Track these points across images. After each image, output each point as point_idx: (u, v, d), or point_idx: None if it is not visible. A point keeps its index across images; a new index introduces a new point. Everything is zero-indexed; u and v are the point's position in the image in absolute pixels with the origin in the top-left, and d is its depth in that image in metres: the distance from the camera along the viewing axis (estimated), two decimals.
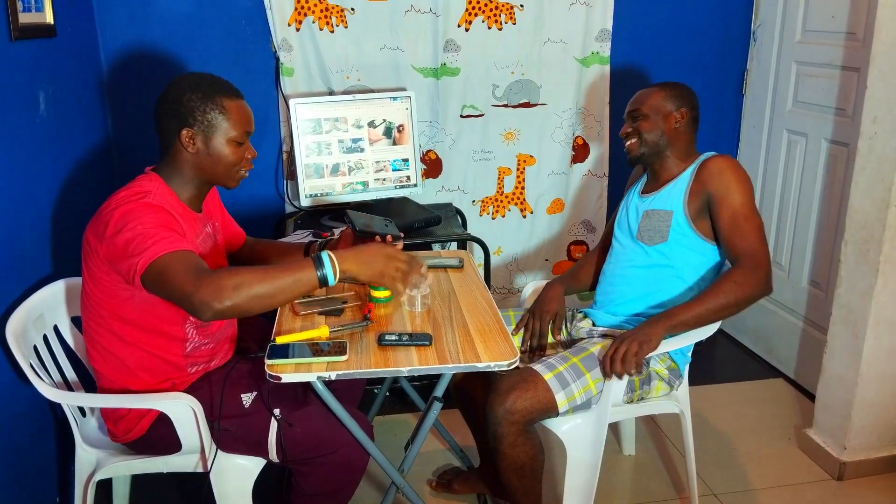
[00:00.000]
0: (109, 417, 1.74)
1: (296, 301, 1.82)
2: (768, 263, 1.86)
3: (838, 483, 2.34)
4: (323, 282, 1.49)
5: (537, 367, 1.85)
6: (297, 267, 1.48)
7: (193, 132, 1.64)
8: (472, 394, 2.11)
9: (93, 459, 1.77)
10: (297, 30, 2.69)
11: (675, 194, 1.99)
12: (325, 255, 1.50)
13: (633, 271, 2.05)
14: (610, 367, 1.80)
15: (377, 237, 1.82)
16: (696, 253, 1.97)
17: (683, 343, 1.92)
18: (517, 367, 1.79)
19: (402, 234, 1.91)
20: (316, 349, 1.60)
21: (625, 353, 1.79)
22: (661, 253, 1.99)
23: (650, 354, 1.84)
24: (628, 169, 2.30)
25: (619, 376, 1.80)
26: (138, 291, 1.55)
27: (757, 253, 1.85)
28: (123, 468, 1.78)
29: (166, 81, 2.65)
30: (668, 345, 1.90)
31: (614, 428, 2.51)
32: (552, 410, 1.82)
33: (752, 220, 1.88)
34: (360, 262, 1.54)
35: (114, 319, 1.65)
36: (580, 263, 2.32)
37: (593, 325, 2.12)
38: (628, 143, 2.08)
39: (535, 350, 2.10)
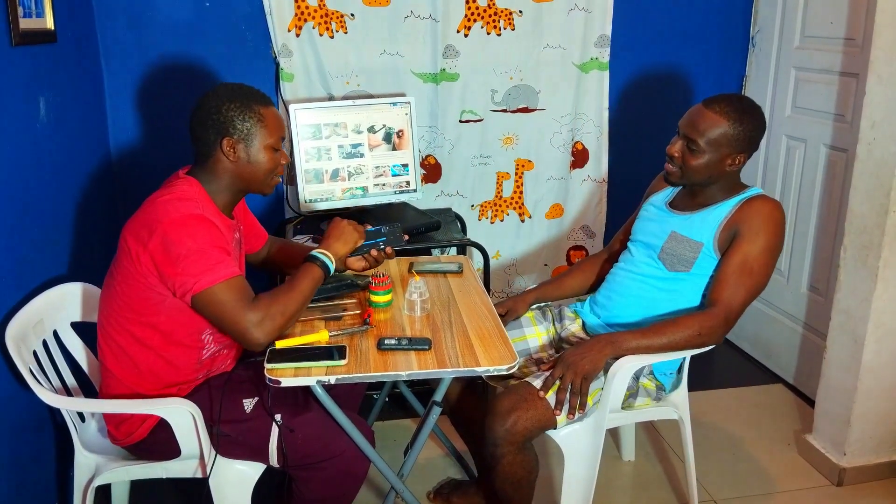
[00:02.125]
0: (111, 420, 1.74)
1: None
2: (735, 322, 1.85)
3: (838, 489, 2.33)
4: (326, 270, 1.73)
5: (535, 382, 1.83)
6: (308, 272, 1.70)
7: (234, 141, 1.67)
8: (464, 406, 2.09)
9: (92, 465, 1.77)
10: (297, 35, 2.70)
11: (709, 224, 1.90)
12: (316, 252, 1.74)
13: (644, 288, 1.99)
14: (561, 407, 1.78)
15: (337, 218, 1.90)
16: None
17: (663, 358, 1.90)
18: (514, 385, 1.79)
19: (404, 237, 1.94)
20: (315, 353, 1.60)
21: (571, 387, 1.78)
22: (680, 280, 1.94)
23: (638, 368, 1.88)
24: (628, 174, 2.27)
25: (573, 415, 1.80)
26: (170, 300, 1.61)
27: (733, 311, 1.83)
28: (123, 474, 1.78)
29: (167, 87, 2.70)
30: (649, 358, 1.88)
31: (614, 434, 2.51)
32: (551, 426, 1.81)
33: (755, 277, 1.83)
34: (336, 242, 1.79)
35: (137, 321, 1.66)
36: (570, 271, 2.28)
37: (584, 329, 2.12)
38: (670, 167, 1.93)
39: None
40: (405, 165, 2.68)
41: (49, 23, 2.11)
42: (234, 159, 1.68)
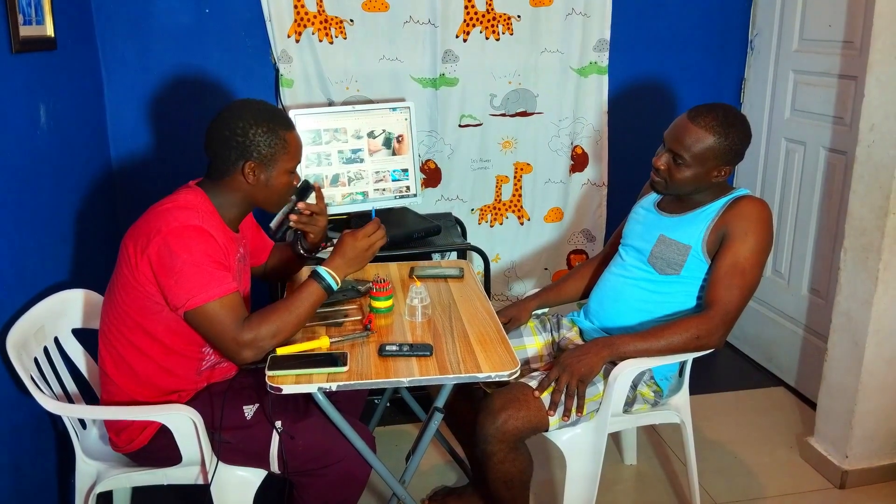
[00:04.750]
0: (112, 427, 1.74)
1: None
2: (733, 324, 1.85)
3: (840, 491, 2.33)
4: (329, 291, 1.70)
5: (531, 382, 1.83)
6: (307, 291, 1.67)
7: (255, 165, 1.67)
8: (458, 409, 2.08)
9: (93, 472, 1.77)
10: (297, 41, 2.71)
11: (696, 227, 1.91)
12: (322, 271, 1.69)
13: (636, 291, 1.99)
14: (555, 409, 1.79)
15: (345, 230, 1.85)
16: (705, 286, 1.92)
17: (662, 362, 1.90)
18: (509, 383, 1.78)
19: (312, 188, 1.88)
20: (317, 360, 1.60)
21: (567, 390, 1.78)
22: (670, 282, 1.94)
23: (635, 375, 1.88)
24: (628, 178, 2.28)
25: (567, 417, 1.80)
26: (167, 310, 1.61)
27: (730, 312, 1.83)
28: (124, 480, 1.78)
29: (167, 93, 2.70)
30: (649, 362, 1.88)
31: (615, 437, 2.51)
32: (543, 428, 1.81)
33: (747, 277, 1.83)
34: (347, 262, 1.74)
35: (136, 329, 1.66)
36: (569, 275, 2.28)
37: (581, 336, 2.12)
38: (656, 178, 1.93)
39: None
40: (405, 170, 2.68)
41: (49, 30, 2.12)
42: (253, 182, 1.68)
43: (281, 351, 1.63)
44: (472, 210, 3.07)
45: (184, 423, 1.65)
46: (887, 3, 2.06)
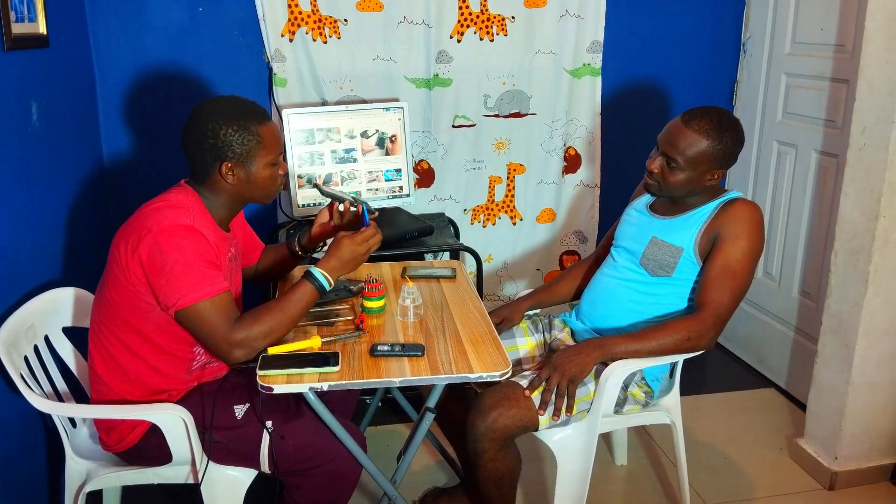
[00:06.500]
0: (102, 426, 1.74)
1: None
2: (724, 326, 1.85)
3: (830, 493, 2.34)
4: (322, 292, 1.69)
5: (522, 382, 1.84)
6: (300, 291, 1.66)
7: (233, 164, 1.65)
8: (450, 410, 2.08)
9: (83, 470, 1.76)
10: (291, 40, 2.70)
11: (689, 229, 1.91)
12: (316, 272, 1.68)
13: (627, 293, 1.99)
14: (545, 408, 1.79)
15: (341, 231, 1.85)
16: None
17: (653, 363, 1.91)
18: (499, 382, 1.79)
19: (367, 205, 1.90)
20: (308, 360, 1.60)
21: (557, 389, 1.79)
22: (662, 284, 1.95)
23: (626, 376, 1.89)
24: (620, 180, 2.28)
25: (557, 416, 1.80)
26: (158, 309, 1.61)
27: (721, 314, 1.83)
28: (114, 479, 1.77)
29: (159, 92, 2.70)
30: (640, 363, 1.88)
31: (606, 438, 2.51)
32: (533, 427, 1.82)
33: (738, 279, 1.83)
34: (342, 264, 1.73)
35: (127, 328, 1.65)
36: (561, 276, 2.29)
37: (572, 337, 2.12)
38: (649, 180, 1.94)
39: None
40: (398, 170, 2.68)
41: (41, 28, 2.11)
42: (234, 181, 1.67)
43: (272, 350, 1.63)
44: (465, 210, 3.07)
45: (174, 422, 1.64)
46: (879, 7, 2.08)
